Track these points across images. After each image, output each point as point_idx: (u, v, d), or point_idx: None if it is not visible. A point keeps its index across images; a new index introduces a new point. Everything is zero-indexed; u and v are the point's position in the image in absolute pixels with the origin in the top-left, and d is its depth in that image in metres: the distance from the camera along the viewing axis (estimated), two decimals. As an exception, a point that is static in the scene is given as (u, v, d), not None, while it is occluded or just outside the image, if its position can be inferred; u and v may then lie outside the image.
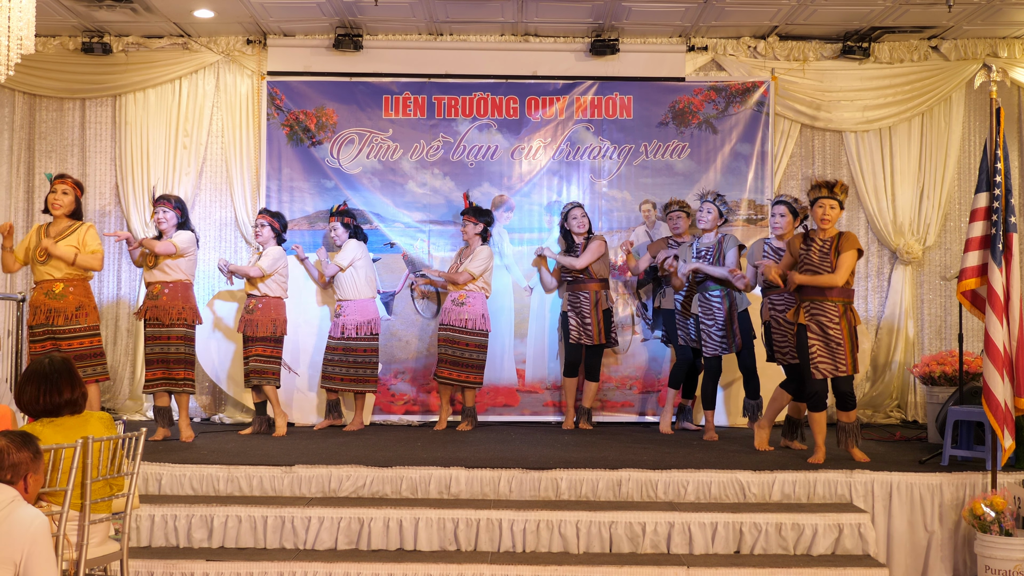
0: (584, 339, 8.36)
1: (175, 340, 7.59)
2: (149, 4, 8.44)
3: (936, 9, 8.42)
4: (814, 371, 6.60)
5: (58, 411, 4.24)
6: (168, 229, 7.70)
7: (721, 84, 9.25)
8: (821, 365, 6.58)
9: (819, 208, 6.67)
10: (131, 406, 9.09)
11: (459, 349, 8.28)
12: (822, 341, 6.59)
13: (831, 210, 6.67)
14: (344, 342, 8.21)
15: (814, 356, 6.59)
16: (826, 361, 6.58)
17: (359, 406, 8.33)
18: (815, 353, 6.59)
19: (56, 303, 7.05)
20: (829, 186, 6.68)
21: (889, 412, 9.30)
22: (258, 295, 7.99)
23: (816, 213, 6.69)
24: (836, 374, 6.59)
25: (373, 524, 5.86)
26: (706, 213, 7.84)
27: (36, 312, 7.07)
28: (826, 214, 6.66)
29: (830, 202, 6.67)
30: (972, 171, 9.39)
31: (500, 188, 9.19)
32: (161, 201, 7.76)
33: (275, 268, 7.99)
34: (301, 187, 9.16)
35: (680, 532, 5.86)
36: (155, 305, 7.57)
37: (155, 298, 7.59)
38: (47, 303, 7.05)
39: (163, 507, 5.93)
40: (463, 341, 8.30)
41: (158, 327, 7.57)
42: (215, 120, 9.38)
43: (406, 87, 9.22)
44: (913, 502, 6.28)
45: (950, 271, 9.25)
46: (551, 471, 6.31)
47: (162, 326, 7.56)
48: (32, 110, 9.44)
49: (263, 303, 7.97)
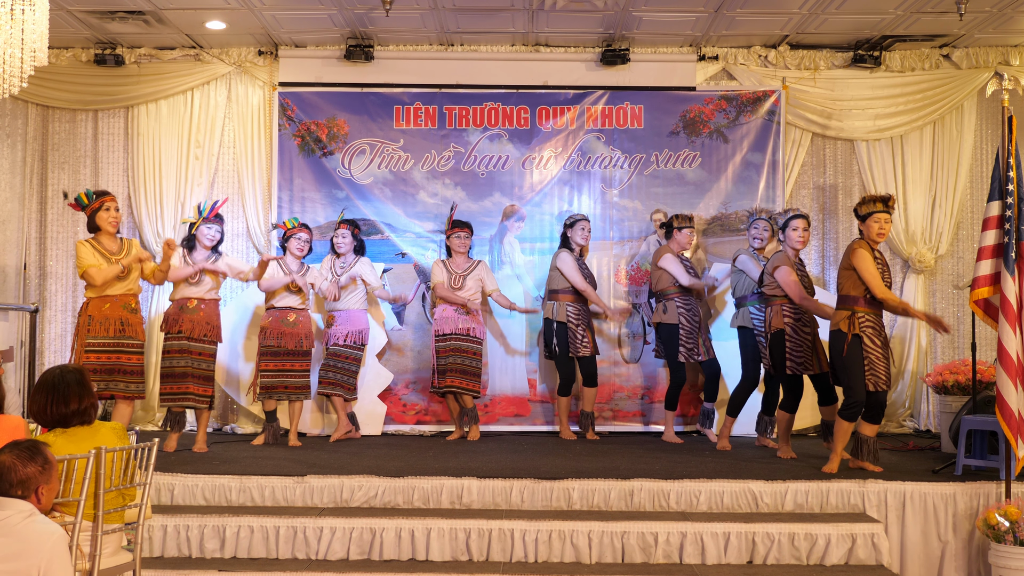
0: (583, 351, 8.30)
1: (205, 356, 7.62)
2: (161, 16, 8.49)
3: (947, 17, 8.41)
4: (867, 383, 6.54)
5: (67, 421, 4.25)
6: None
7: (732, 93, 9.25)
8: (874, 377, 6.55)
9: (875, 223, 6.66)
10: (143, 416, 9.11)
11: (468, 358, 8.32)
12: (875, 354, 6.56)
13: (887, 224, 6.69)
14: (338, 349, 8.24)
15: (869, 367, 6.55)
16: (878, 374, 6.56)
17: (338, 408, 8.29)
18: (872, 364, 6.55)
19: (133, 316, 7.18)
20: (884, 200, 6.70)
21: (902, 421, 9.27)
22: (299, 308, 8.01)
23: (872, 228, 6.66)
24: (882, 387, 6.57)
25: (385, 534, 5.86)
26: (763, 231, 7.99)
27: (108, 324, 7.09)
28: (882, 228, 6.67)
29: (885, 216, 6.67)
30: (984, 179, 9.36)
31: (511, 198, 9.19)
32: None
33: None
34: (313, 197, 9.19)
35: (692, 542, 5.84)
36: (191, 319, 7.57)
37: (192, 312, 7.59)
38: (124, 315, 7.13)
39: (176, 517, 5.94)
40: (471, 351, 8.33)
41: (188, 341, 7.58)
42: (227, 131, 9.41)
43: (417, 97, 9.25)
44: (927, 512, 6.25)
45: (963, 280, 9.21)
46: (563, 481, 6.31)
47: (193, 340, 7.58)
48: (45, 122, 9.49)
49: (304, 316, 8.01)
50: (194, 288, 7.64)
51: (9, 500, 3.49)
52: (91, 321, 7.02)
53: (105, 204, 7.12)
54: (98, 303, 7.06)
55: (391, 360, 8.96)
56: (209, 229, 7.72)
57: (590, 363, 8.36)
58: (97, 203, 7.13)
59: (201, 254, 7.71)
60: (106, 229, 7.13)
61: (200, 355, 7.59)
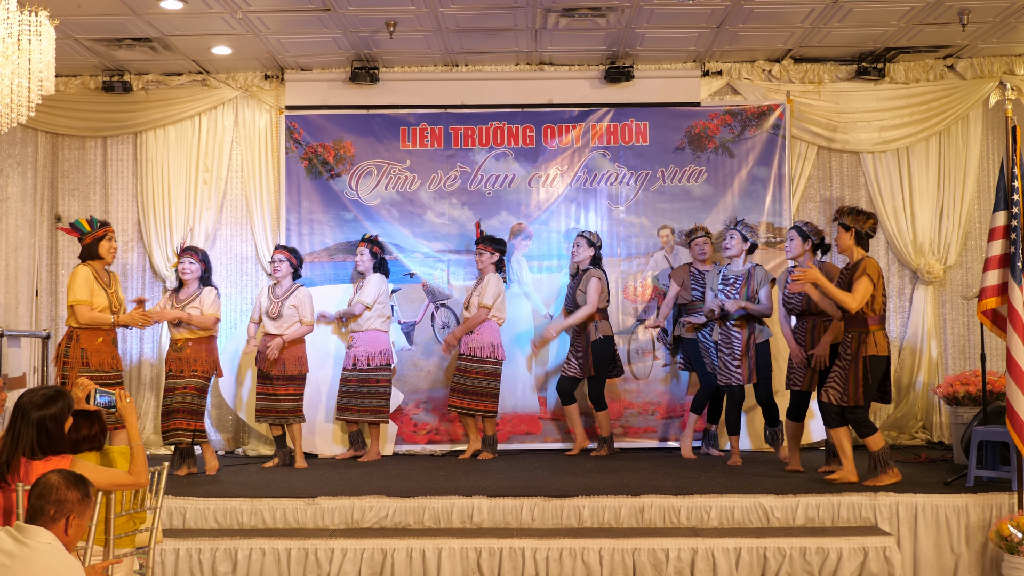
0: (571, 371, 8.34)
1: (191, 390, 7.66)
2: (168, 43, 8.56)
3: (950, 28, 8.43)
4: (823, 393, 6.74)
5: (77, 447, 4.28)
6: (191, 281, 7.82)
7: (736, 108, 9.27)
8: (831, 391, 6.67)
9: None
10: (155, 440, 9.13)
11: (470, 378, 8.31)
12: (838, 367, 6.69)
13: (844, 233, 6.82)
14: (357, 373, 8.25)
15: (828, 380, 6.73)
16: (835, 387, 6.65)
17: (374, 437, 8.34)
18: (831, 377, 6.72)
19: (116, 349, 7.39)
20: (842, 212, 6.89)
21: (914, 433, 9.23)
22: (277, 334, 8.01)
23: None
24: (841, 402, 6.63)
25: (396, 555, 5.86)
26: (729, 240, 7.86)
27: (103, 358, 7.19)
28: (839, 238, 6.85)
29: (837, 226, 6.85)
30: (991, 189, 9.31)
31: (518, 216, 9.22)
32: (188, 252, 7.89)
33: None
34: (321, 220, 9.23)
35: (704, 558, 5.83)
36: (179, 358, 7.68)
37: (179, 350, 7.70)
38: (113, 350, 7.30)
39: (187, 541, 5.95)
40: (473, 370, 8.32)
41: (175, 379, 7.68)
42: (235, 155, 9.48)
43: (423, 118, 9.29)
44: (939, 524, 6.22)
45: (972, 290, 9.18)
46: (573, 498, 6.30)
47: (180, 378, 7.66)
48: (55, 149, 9.57)
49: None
50: (178, 328, 7.77)
51: (34, 529, 3.49)
52: (85, 354, 7.04)
53: (108, 234, 7.20)
54: (91, 336, 7.07)
55: (402, 380, 8.98)
56: (183, 263, 7.82)
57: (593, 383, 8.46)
58: (101, 231, 7.18)
59: (189, 289, 7.80)
60: (106, 259, 7.20)
61: (185, 389, 7.64)
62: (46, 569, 3.41)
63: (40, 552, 3.43)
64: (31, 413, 4.03)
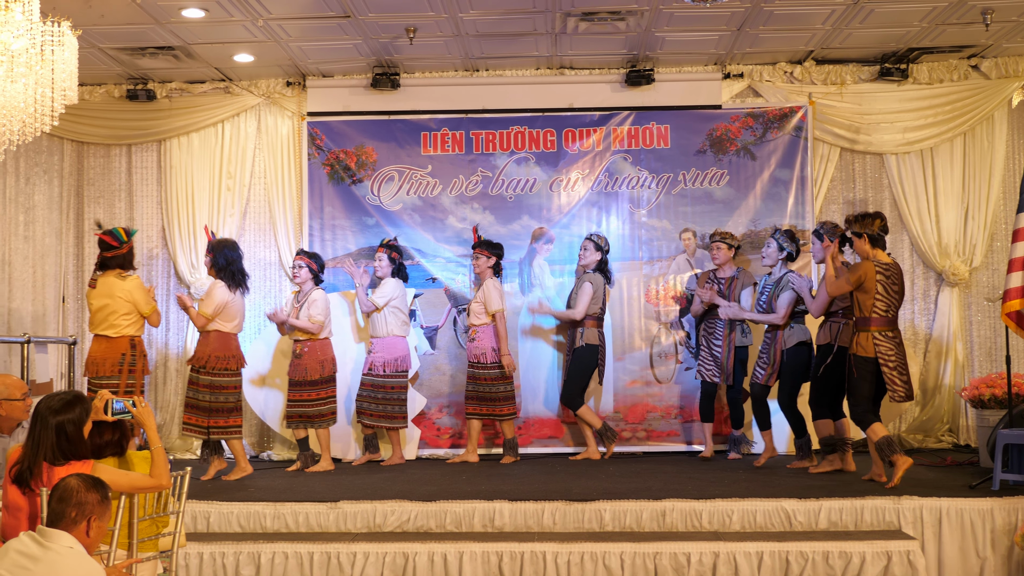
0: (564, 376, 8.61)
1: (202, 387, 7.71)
2: (191, 51, 8.64)
3: (974, 28, 8.36)
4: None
5: (100, 452, 4.31)
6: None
7: (758, 110, 9.24)
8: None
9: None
10: (180, 445, 9.20)
11: (480, 384, 8.32)
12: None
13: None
14: (373, 378, 8.29)
15: None
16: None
17: (395, 441, 8.37)
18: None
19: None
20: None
21: (941, 436, 9.16)
22: (303, 339, 8.08)
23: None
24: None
25: (418, 558, 5.87)
26: (766, 248, 7.95)
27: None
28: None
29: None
30: (1017, 190, 9.25)
31: (539, 220, 9.23)
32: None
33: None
34: (343, 225, 9.28)
35: (726, 562, 5.80)
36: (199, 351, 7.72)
37: (200, 344, 7.75)
38: None
39: (211, 545, 5.99)
40: (481, 376, 8.32)
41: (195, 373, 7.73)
42: (258, 162, 9.54)
43: (444, 123, 9.32)
44: (964, 528, 6.16)
45: (998, 292, 9.10)
46: (594, 502, 6.29)
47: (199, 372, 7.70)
48: (80, 157, 9.67)
49: (309, 347, 8.07)
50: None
51: (56, 533, 3.52)
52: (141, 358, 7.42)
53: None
54: (140, 341, 7.44)
55: (424, 384, 9.00)
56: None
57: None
58: (133, 242, 7.47)
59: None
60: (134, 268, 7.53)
61: (196, 385, 7.70)
62: (68, 572, 3.44)
63: (63, 555, 3.46)
64: (49, 418, 4.07)
